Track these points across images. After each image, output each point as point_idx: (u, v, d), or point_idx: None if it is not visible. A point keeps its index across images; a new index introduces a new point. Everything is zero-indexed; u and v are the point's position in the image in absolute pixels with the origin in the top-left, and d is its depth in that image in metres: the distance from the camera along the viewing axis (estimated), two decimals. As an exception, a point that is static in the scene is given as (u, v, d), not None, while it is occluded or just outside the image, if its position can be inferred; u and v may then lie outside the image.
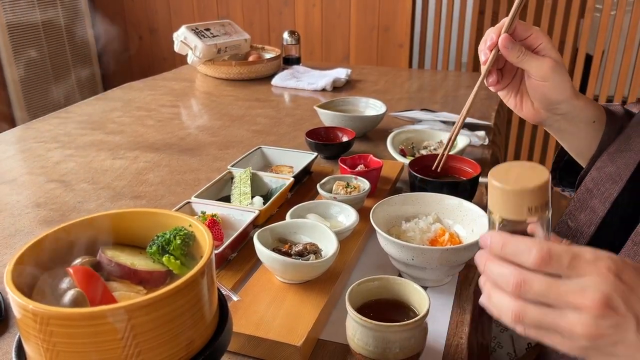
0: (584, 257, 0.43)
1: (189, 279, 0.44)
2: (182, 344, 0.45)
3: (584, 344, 0.43)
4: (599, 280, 0.42)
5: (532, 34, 0.71)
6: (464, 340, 0.68)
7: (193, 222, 0.53)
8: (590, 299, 0.42)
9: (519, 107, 0.78)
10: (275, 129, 1.44)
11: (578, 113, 0.77)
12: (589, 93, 2.60)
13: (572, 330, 0.43)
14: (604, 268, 0.43)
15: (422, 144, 1.21)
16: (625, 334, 0.42)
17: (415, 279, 0.76)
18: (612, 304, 0.42)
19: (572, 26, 2.52)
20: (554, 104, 0.75)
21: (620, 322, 0.42)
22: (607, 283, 0.42)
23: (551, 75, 0.71)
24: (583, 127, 0.79)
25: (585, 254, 0.44)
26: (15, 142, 1.35)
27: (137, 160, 1.22)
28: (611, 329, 0.42)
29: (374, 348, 0.59)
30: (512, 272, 0.44)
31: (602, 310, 0.42)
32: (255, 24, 3.08)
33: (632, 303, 0.42)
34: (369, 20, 2.87)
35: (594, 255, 0.43)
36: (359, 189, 0.92)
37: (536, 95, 0.75)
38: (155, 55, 3.36)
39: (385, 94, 1.76)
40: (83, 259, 0.50)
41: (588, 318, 0.42)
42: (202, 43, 1.92)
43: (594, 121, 0.79)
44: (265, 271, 0.75)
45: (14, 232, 0.92)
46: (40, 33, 3.00)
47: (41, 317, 0.40)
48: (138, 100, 1.71)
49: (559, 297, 0.43)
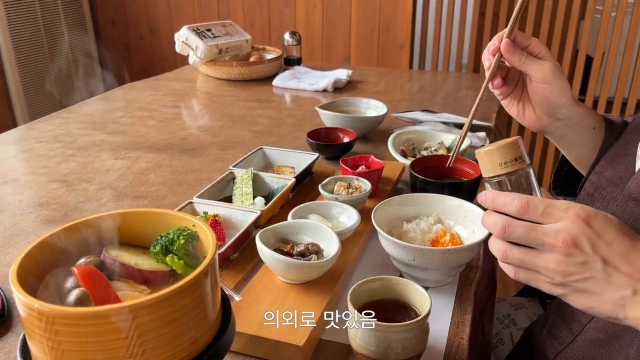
0: (558, 206, 0.52)
1: (192, 278, 0.44)
2: (186, 344, 0.45)
3: (560, 279, 0.52)
4: (570, 224, 0.51)
5: (531, 43, 0.73)
6: (465, 341, 0.68)
7: (197, 222, 0.53)
8: (561, 240, 0.51)
9: (521, 115, 0.80)
10: (277, 129, 1.44)
11: (579, 119, 0.79)
12: (589, 94, 2.60)
13: (549, 267, 0.52)
14: (573, 215, 0.51)
15: (423, 145, 1.22)
16: (593, 272, 0.51)
17: (417, 279, 0.77)
18: (579, 244, 0.51)
19: (573, 28, 2.52)
20: (555, 108, 0.76)
21: (587, 260, 0.51)
22: (576, 227, 0.51)
23: (552, 78, 0.73)
24: (584, 133, 0.81)
25: (560, 204, 0.53)
26: (17, 142, 1.36)
27: (139, 160, 1.23)
28: (579, 266, 0.51)
29: (375, 348, 0.59)
30: (500, 218, 0.54)
31: (570, 249, 0.51)
32: (256, 24, 3.08)
33: (598, 246, 0.51)
34: (369, 21, 2.88)
35: (567, 205, 0.53)
36: (361, 189, 0.93)
37: (538, 98, 0.76)
38: (157, 55, 3.36)
39: (386, 95, 1.77)
40: (87, 259, 0.50)
41: (559, 256, 0.51)
42: (204, 43, 1.92)
43: (594, 127, 0.81)
44: (267, 271, 0.75)
45: (16, 232, 0.92)
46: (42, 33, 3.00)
47: (46, 316, 0.40)
48: (139, 100, 1.71)
49: (537, 238, 0.52)
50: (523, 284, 0.70)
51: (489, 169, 0.58)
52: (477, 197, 0.58)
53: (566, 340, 0.73)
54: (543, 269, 0.52)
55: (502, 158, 0.57)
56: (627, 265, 0.50)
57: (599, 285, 0.51)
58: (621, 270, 0.50)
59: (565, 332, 0.73)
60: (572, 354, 0.71)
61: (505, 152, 0.57)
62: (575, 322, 0.72)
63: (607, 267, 0.50)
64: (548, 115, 0.78)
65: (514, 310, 1.01)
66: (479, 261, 0.85)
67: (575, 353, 0.71)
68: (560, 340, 0.74)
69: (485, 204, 0.56)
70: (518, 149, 0.57)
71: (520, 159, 0.57)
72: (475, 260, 0.85)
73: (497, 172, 0.57)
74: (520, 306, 1.02)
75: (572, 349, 0.71)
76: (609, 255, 0.51)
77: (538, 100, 0.76)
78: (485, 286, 0.84)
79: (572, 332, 0.72)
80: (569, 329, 0.73)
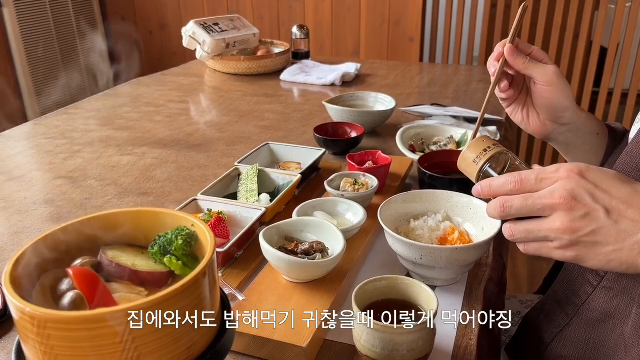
0: (549, 170, 0.54)
1: (190, 280, 0.43)
2: (183, 348, 0.44)
3: (568, 238, 0.52)
4: (564, 181, 0.52)
5: (533, 51, 0.75)
6: (474, 342, 0.67)
7: (195, 221, 0.52)
8: (559, 197, 0.51)
9: (526, 122, 0.82)
10: (284, 124, 1.43)
11: (582, 124, 0.81)
12: (603, 86, 2.55)
13: (554, 228, 0.52)
14: (565, 172, 0.52)
15: (432, 140, 1.20)
16: (598, 221, 0.51)
17: (424, 278, 0.75)
18: (577, 196, 0.51)
19: (587, 19, 2.47)
20: (559, 111, 0.78)
21: (589, 211, 0.51)
22: (571, 181, 0.51)
23: (556, 80, 0.75)
24: (587, 138, 0.83)
25: (550, 168, 0.54)
26: (23, 138, 1.36)
27: (145, 156, 1.22)
28: (583, 220, 0.51)
29: (381, 350, 0.58)
30: (497, 200, 0.56)
31: (570, 203, 0.51)
32: (265, 18, 3.06)
33: (597, 196, 0.51)
34: (379, 14, 2.84)
35: (557, 167, 0.54)
36: (367, 186, 0.91)
37: (542, 101, 0.78)
38: (166, 50, 3.35)
39: (395, 89, 1.74)
40: (83, 260, 0.49)
41: (562, 214, 0.51)
42: (211, 38, 1.91)
43: (598, 133, 0.83)
44: (271, 270, 0.74)
45: (22, 228, 0.92)
46: (52, 29, 3.01)
47: (38, 320, 0.39)
48: (146, 95, 1.71)
49: (535, 204, 0.53)
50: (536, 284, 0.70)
51: (471, 171, 0.61)
52: (473, 191, 0.60)
53: (562, 323, 0.73)
54: (549, 231, 0.52)
55: (474, 154, 0.61)
56: (632, 210, 0.50)
57: (608, 234, 0.51)
58: (627, 215, 0.50)
59: (561, 315, 0.74)
60: (569, 336, 0.72)
61: (475, 147, 0.61)
62: (570, 305, 0.72)
63: (612, 214, 0.50)
64: (552, 120, 0.80)
65: (525, 308, 0.99)
66: (488, 259, 0.83)
67: (571, 335, 0.72)
68: (556, 324, 0.74)
69: (482, 194, 0.59)
70: (484, 142, 0.61)
71: (491, 147, 0.60)
72: (485, 258, 0.83)
73: (478, 167, 0.60)
74: (531, 303, 1.00)
75: (568, 331, 0.72)
76: (610, 202, 0.51)
77: (542, 104, 0.78)
78: (495, 284, 0.82)
79: (567, 314, 0.73)
80: (564, 312, 0.73)
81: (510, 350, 0.88)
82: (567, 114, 0.78)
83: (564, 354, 0.72)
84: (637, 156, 0.66)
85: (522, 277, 2.34)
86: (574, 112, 0.79)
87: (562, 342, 0.73)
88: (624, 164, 0.67)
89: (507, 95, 0.79)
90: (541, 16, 2.53)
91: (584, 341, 0.70)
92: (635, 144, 0.67)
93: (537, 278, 2.32)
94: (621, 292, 0.66)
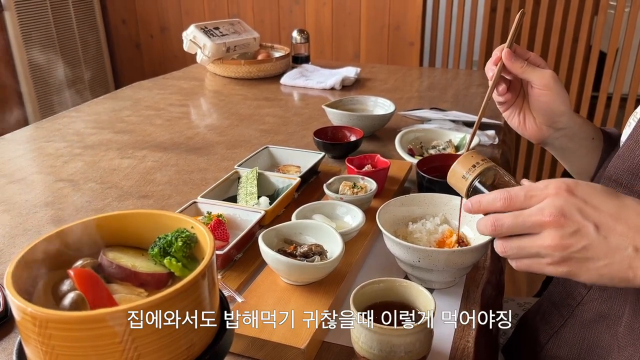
0: (537, 187, 0.54)
1: (189, 281, 0.43)
2: (182, 348, 0.44)
3: (560, 254, 0.52)
4: (552, 198, 0.52)
5: (530, 56, 0.76)
6: (471, 344, 0.67)
7: (195, 223, 0.52)
8: (548, 214, 0.51)
9: (522, 126, 0.82)
10: (284, 128, 1.44)
11: (577, 129, 0.81)
12: (602, 91, 2.56)
13: (544, 245, 0.52)
14: (554, 189, 0.52)
15: (430, 144, 1.20)
16: (588, 237, 0.51)
17: (422, 281, 0.75)
18: (567, 213, 0.51)
19: (586, 23, 2.48)
20: (556, 116, 0.78)
21: (579, 227, 0.51)
22: (559, 198, 0.51)
23: (553, 85, 0.75)
24: (583, 144, 0.83)
25: (538, 184, 0.54)
26: (24, 141, 1.36)
27: (145, 159, 1.22)
28: (573, 236, 0.51)
29: (378, 352, 0.58)
30: (488, 218, 0.56)
31: (560, 220, 0.51)
32: (265, 22, 3.07)
33: (586, 212, 0.51)
34: (379, 19, 2.86)
35: (545, 183, 0.54)
36: (366, 189, 0.91)
37: (539, 106, 0.78)
38: (167, 54, 3.36)
39: (394, 93, 1.75)
40: (84, 261, 0.49)
41: (552, 231, 0.51)
42: (211, 42, 1.92)
43: (593, 138, 0.83)
44: (270, 272, 0.75)
45: (22, 231, 0.92)
46: (53, 32, 3.02)
47: (40, 320, 0.40)
48: (147, 99, 1.71)
49: (525, 222, 0.53)
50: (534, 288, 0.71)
51: (460, 186, 0.62)
52: (464, 207, 0.60)
53: (557, 324, 0.74)
54: (540, 248, 0.52)
55: (464, 168, 0.61)
56: (621, 224, 0.51)
57: (599, 249, 0.51)
58: (616, 230, 0.51)
59: (556, 316, 0.75)
60: (564, 337, 0.73)
61: (463, 163, 0.61)
62: (565, 306, 0.74)
63: (601, 230, 0.51)
64: (548, 124, 0.80)
65: (522, 310, 1.00)
66: (485, 262, 0.83)
67: (566, 335, 0.73)
68: (552, 325, 0.75)
69: (472, 210, 0.59)
70: (473, 157, 0.61)
71: (480, 162, 0.61)
72: (482, 261, 0.83)
73: (466, 184, 0.61)
74: (528, 306, 1.01)
75: (563, 331, 0.73)
76: (599, 217, 0.51)
77: (539, 108, 0.78)
78: (493, 287, 0.82)
79: (562, 315, 0.74)
80: (559, 314, 0.74)
81: (506, 351, 0.88)
82: (564, 118, 0.79)
83: (559, 355, 0.73)
84: (628, 159, 0.66)
85: (520, 281, 2.34)
86: (570, 117, 0.79)
87: (557, 342, 0.74)
88: (615, 166, 0.68)
89: (505, 98, 0.80)
90: (540, 20, 2.54)
91: (578, 341, 0.71)
92: (626, 147, 0.67)
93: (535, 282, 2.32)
94: (614, 293, 0.66)
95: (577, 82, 2.58)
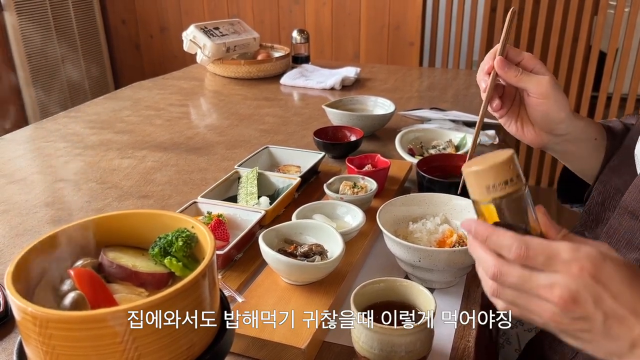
0: (560, 256, 0.46)
1: (189, 281, 0.43)
2: (183, 348, 0.44)
3: (554, 327, 0.47)
4: (569, 279, 0.45)
5: (524, 58, 0.71)
6: (472, 344, 0.67)
7: (195, 223, 0.52)
8: (557, 296, 0.45)
9: (520, 133, 0.78)
10: (284, 128, 1.44)
11: (579, 133, 0.77)
12: (602, 91, 2.56)
13: (542, 315, 0.47)
14: (576, 269, 0.45)
15: (430, 144, 1.20)
16: (591, 325, 0.46)
17: (422, 280, 0.75)
18: (579, 300, 0.45)
19: (586, 23, 2.48)
20: (554, 123, 0.74)
21: (586, 315, 0.46)
22: (578, 282, 0.45)
23: (550, 92, 0.71)
24: (585, 145, 0.79)
25: (563, 253, 0.46)
26: (24, 141, 1.36)
27: (145, 159, 1.22)
28: (576, 321, 0.46)
29: (379, 351, 0.58)
30: (493, 262, 0.48)
31: (568, 306, 0.45)
32: (265, 22, 3.07)
33: (602, 300, 0.45)
34: (379, 19, 2.86)
35: (571, 256, 0.46)
36: (366, 189, 0.91)
37: (537, 114, 0.74)
38: (166, 54, 3.36)
39: (394, 93, 1.75)
40: (85, 261, 0.49)
41: (556, 309, 0.46)
42: (211, 42, 1.92)
43: (596, 138, 0.79)
44: (270, 272, 0.75)
45: (22, 231, 0.92)
46: (52, 32, 3.02)
47: (40, 320, 0.40)
48: (147, 99, 1.71)
49: (531, 289, 0.47)
50: None
51: (477, 192, 0.49)
52: (462, 225, 0.52)
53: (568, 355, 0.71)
54: (537, 311, 0.48)
55: (494, 180, 0.48)
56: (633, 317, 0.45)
57: (597, 335, 0.46)
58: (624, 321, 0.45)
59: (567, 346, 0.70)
60: None
61: (497, 172, 0.47)
62: None
63: (609, 320, 0.46)
64: (547, 131, 0.76)
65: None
66: (486, 262, 0.83)
67: None
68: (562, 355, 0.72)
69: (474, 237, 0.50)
70: (511, 169, 0.48)
71: (514, 179, 0.48)
72: (483, 261, 0.83)
73: (488, 197, 0.48)
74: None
75: None
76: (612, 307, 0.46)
77: (537, 117, 0.74)
78: (493, 287, 0.82)
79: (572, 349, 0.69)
80: None
81: None
82: (563, 125, 0.74)
83: None
84: None
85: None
86: (571, 122, 0.75)
87: None
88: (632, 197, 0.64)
89: (500, 114, 0.76)
90: (540, 21, 2.54)
91: None
92: None
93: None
94: None
95: (577, 82, 2.58)
